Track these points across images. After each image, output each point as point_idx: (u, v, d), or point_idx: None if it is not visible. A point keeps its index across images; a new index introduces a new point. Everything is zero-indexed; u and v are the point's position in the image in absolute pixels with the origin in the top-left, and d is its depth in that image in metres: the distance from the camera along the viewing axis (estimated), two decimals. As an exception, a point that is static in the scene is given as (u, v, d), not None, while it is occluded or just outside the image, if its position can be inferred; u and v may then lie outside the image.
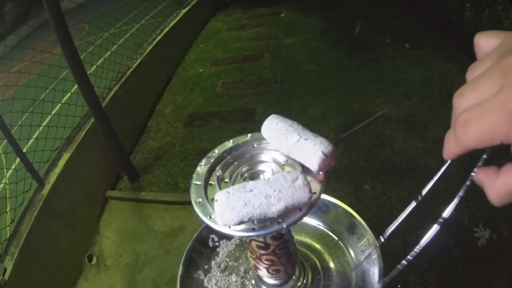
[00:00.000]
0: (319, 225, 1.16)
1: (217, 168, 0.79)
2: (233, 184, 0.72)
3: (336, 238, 1.12)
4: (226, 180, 0.75)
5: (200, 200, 0.71)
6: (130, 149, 5.07)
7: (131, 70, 5.41)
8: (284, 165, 0.75)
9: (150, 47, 6.18)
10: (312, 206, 0.66)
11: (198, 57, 7.64)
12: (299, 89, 5.55)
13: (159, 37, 6.62)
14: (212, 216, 0.67)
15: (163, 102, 6.15)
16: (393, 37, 6.43)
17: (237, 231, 0.64)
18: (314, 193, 0.67)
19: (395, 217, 2.55)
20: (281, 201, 0.62)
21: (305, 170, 0.71)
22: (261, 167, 0.78)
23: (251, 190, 0.64)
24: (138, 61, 5.67)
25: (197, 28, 8.94)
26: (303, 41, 6.32)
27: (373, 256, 0.99)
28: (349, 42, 6.40)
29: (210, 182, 0.75)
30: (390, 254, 3.03)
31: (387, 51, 6.12)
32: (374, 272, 0.98)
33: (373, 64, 5.84)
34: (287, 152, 0.72)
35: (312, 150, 0.67)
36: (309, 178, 0.70)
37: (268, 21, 8.68)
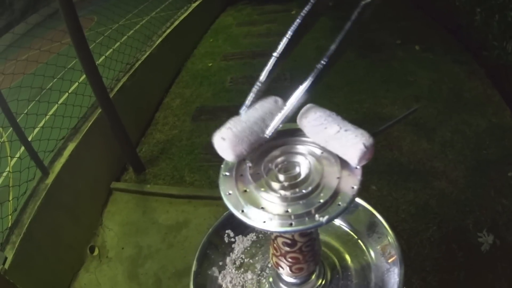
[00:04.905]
0: (338, 223, 1.13)
1: (247, 159, 0.76)
2: (267, 175, 0.69)
3: (356, 237, 1.10)
4: (258, 172, 0.72)
5: (230, 192, 0.69)
6: (137, 141, 5.05)
7: (140, 62, 5.39)
8: (320, 157, 0.72)
9: (160, 39, 6.15)
10: (352, 201, 0.63)
11: (207, 51, 7.61)
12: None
13: (169, 30, 6.59)
14: (244, 210, 0.65)
15: (171, 95, 6.13)
16: (403, 38, 6.39)
17: (274, 227, 0.62)
18: (353, 187, 0.65)
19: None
20: (273, 120, 0.72)
21: (342, 163, 0.69)
22: (296, 159, 0.75)
23: (248, 120, 0.73)
24: (147, 53, 5.65)
25: (207, 22, 8.92)
26: (313, 39, 6.26)
27: (394, 257, 0.97)
28: (359, 42, 6.36)
29: (240, 173, 0.73)
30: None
31: (397, 53, 6.09)
32: (394, 273, 0.96)
33: (382, 64, 5.81)
34: (324, 143, 0.70)
35: (353, 142, 0.65)
36: (347, 173, 0.68)
37: (278, 17, 8.61)
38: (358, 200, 1.08)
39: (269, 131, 0.72)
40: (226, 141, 0.70)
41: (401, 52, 6.08)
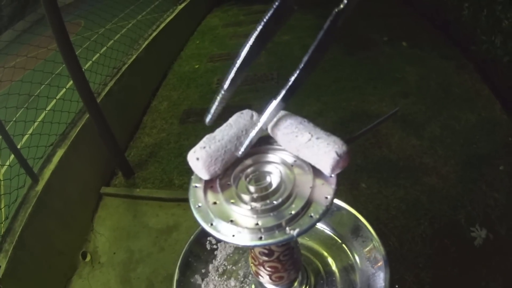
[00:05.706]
0: (321, 227, 1.12)
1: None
2: (237, 187, 0.68)
3: (340, 241, 1.09)
4: (229, 182, 0.71)
5: (200, 204, 0.67)
6: (125, 145, 5.03)
7: (126, 65, 5.37)
8: (292, 166, 0.71)
9: (146, 42, 6.15)
10: (326, 212, 0.62)
11: (194, 53, 7.60)
12: (295, 86, 5.50)
13: (155, 33, 6.58)
14: (214, 223, 0.64)
15: (159, 98, 6.11)
16: (390, 35, 6.40)
17: (243, 241, 0.60)
18: (326, 197, 0.63)
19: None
20: (247, 138, 0.70)
21: (316, 172, 0.67)
22: (267, 168, 0.73)
23: (222, 139, 0.72)
24: (134, 56, 5.64)
25: (194, 24, 8.91)
26: (299, 38, 6.28)
27: (379, 262, 0.96)
28: (346, 40, 6.36)
29: (211, 184, 0.71)
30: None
31: (384, 49, 6.10)
32: (380, 277, 0.95)
33: (370, 62, 5.81)
34: (296, 152, 0.68)
35: (325, 150, 0.63)
36: (320, 181, 0.66)
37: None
38: (341, 203, 1.07)
39: (242, 150, 0.71)
40: (200, 161, 0.70)
41: (388, 48, 6.09)
